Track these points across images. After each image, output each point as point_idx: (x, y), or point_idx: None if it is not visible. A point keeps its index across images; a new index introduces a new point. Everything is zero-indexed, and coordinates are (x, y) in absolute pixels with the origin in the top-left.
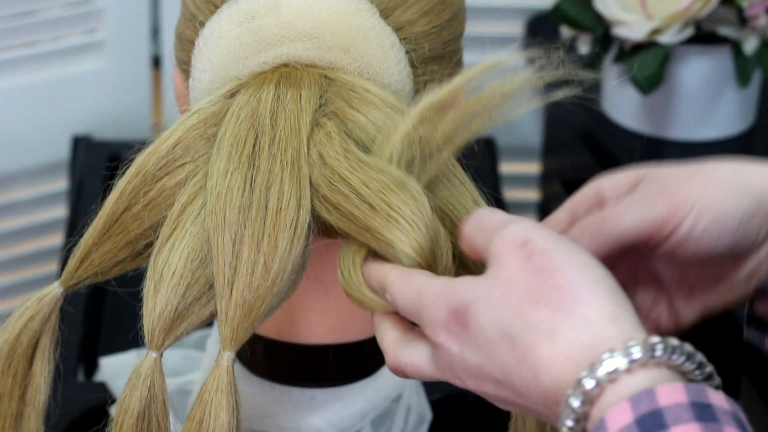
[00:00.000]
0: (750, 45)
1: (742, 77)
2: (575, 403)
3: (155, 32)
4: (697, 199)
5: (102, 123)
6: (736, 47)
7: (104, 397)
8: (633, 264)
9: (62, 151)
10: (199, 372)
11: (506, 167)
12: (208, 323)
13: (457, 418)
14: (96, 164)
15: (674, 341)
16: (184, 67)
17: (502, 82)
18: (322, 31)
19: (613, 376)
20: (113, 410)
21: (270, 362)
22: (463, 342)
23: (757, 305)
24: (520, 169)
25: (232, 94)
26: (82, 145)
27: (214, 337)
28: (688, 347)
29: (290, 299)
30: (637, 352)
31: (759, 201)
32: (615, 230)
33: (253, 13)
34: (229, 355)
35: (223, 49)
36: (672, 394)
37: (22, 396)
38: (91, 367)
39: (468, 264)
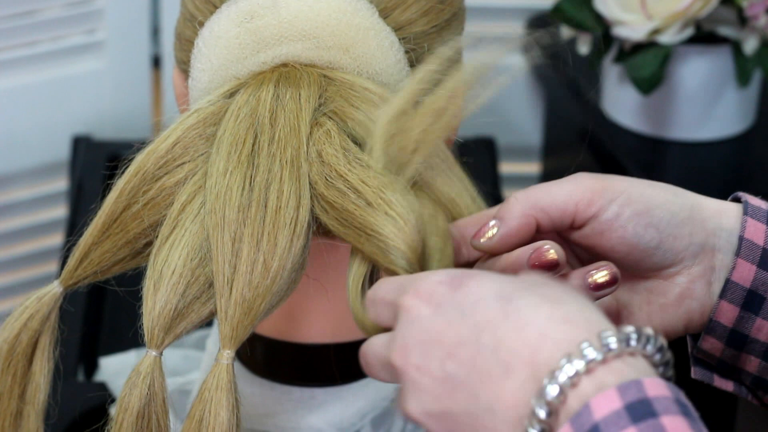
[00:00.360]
0: (750, 45)
1: (742, 77)
2: (547, 396)
3: (155, 32)
4: (629, 186)
5: (102, 123)
6: (736, 47)
7: (104, 397)
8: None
9: (62, 151)
10: (199, 372)
11: (506, 167)
12: (208, 323)
13: None
14: (96, 164)
15: (648, 330)
16: (184, 67)
17: (458, 72)
18: (321, 30)
19: (591, 366)
20: (113, 410)
21: (270, 362)
22: (439, 305)
23: (702, 343)
24: (520, 169)
25: (232, 94)
26: (82, 145)
27: (213, 337)
28: (653, 334)
29: (290, 298)
30: (613, 343)
31: (692, 210)
32: (544, 199)
33: (252, 13)
34: (228, 353)
35: (222, 49)
36: (658, 388)
37: (21, 395)
38: (91, 367)
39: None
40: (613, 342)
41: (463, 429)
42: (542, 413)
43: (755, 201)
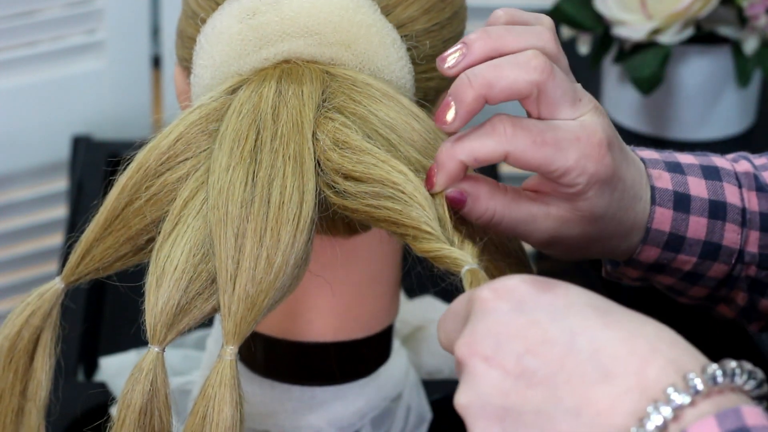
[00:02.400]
0: (750, 45)
1: (742, 77)
2: (648, 426)
3: (155, 32)
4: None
5: (102, 123)
6: (736, 47)
7: (104, 397)
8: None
9: (62, 151)
10: (200, 371)
11: (506, 167)
12: (208, 322)
13: (457, 418)
14: (96, 164)
15: (732, 363)
16: (185, 64)
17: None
18: (323, 27)
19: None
20: (113, 410)
21: (270, 360)
22: (522, 302)
23: (643, 251)
24: (520, 169)
25: (234, 90)
26: (82, 145)
27: (214, 336)
28: (746, 365)
29: (291, 297)
30: (719, 377)
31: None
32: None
33: (254, 9)
34: (232, 350)
35: (224, 46)
36: (756, 416)
37: (23, 391)
38: (92, 367)
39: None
40: (719, 375)
41: (524, 429)
42: None
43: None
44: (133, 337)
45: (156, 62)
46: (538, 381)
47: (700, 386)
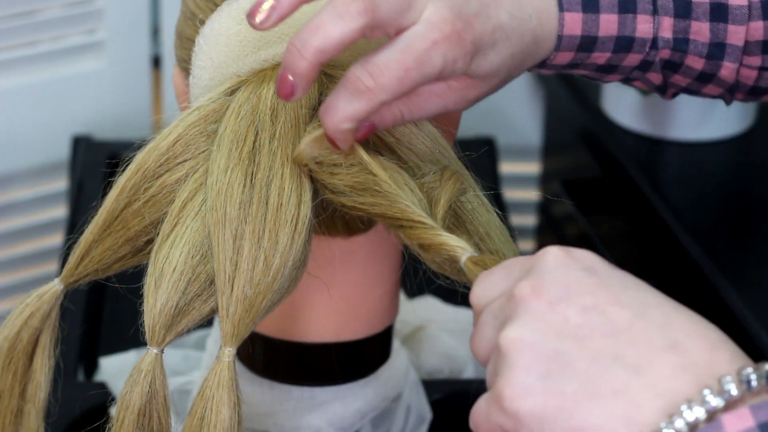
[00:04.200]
0: None
1: None
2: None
3: (155, 32)
4: None
5: (102, 123)
6: None
7: (104, 397)
8: None
9: (62, 151)
10: (199, 371)
11: (506, 167)
12: (208, 322)
13: (457, 418)
14: (96, 164)
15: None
16: (184, 65)
17: None
18: None
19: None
20: (113, 410)
21: (269, 361)
22: (593, 268)
23: (556, 57)
24: (520, 169)
25: (233, 92)
26: (82, 145)
27: (213, 336)
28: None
29: (290, 297)
30: (753, 380)
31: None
32: None
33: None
34: (230, 351)
35: (223, 47)
36: None
37: (22, 393)
38: (91, 367)
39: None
40: (753, 379)
41: (568, 376)
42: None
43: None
44: (133, 339)
45: (156, 62)
46: (599, 335)
47: (754, 383)
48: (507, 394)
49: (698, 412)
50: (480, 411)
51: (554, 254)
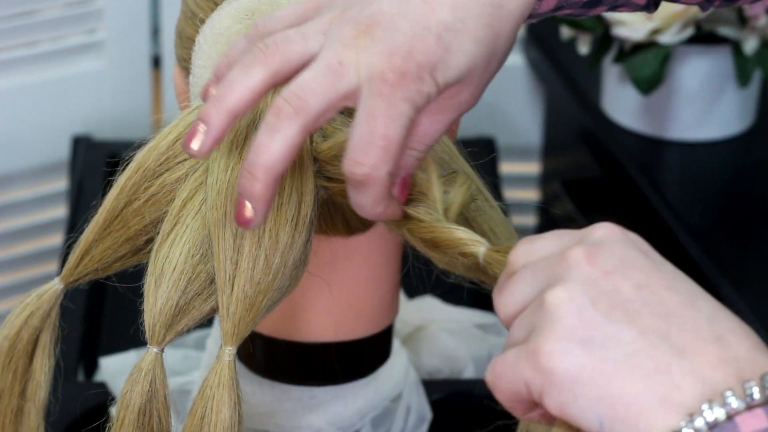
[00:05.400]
0: (750, 45)
1: (742, 77)
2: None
3: (155, 32)
4: None
5: (102, 123)
6: (736, 47)
7: (104, 397)
8: None
9: (62, 151)
10: (200, 371)
11: (506, 167)
12: (208, 322)
13: (457, 418)
14: (96, 164)
15: None
16: (185, 65)
17: None
18: None
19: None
20: (113, 410)
21: (269, 361)
22: (646, 252)
23: (541, 6)
24: (520, 169)
25: None
26: (82, 145)
27: (213, 336)
28: None
29: (290, 297)
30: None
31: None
32: None
33: (253, 9)
34: (230, 350)
35: (223, 46)
36: None
37: (22, 392)
38: (91, 367)
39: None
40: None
41: (613, 345)
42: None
43: None
44: (133, 338)
45: (156, 62)
46: (650, 313)
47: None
48: (545, 350)
49: (737, 404)
50: (506, 363)
51: (611, 229)
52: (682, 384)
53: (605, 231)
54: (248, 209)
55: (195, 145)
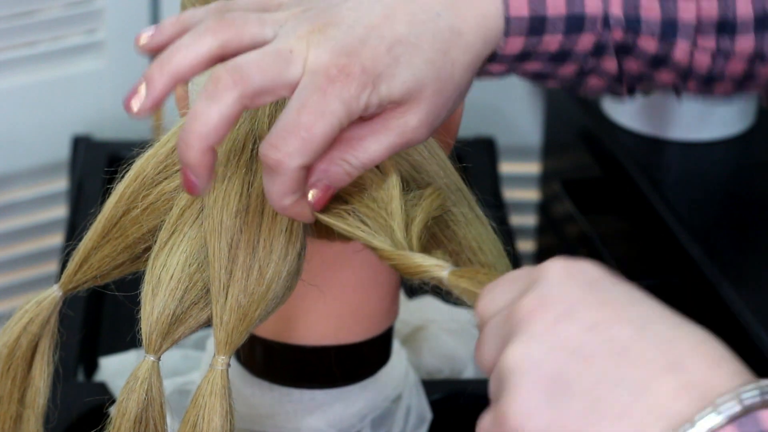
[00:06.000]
0: None
1: None
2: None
3: None
4: None
5: (102, 123)
6: None
7: (104, 398)
8: None
9: (62, 151)
10: (199, 372)
11: (506, 167)
12: (208, 323)
13: (457, 418)
14: (96, 164)
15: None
16: None
17: None
18: None
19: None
20: (113, 411)
21: (269, 363)
22: (593, 283)
23: (507, 44)
24: (520, 169)
25: None
26: (82, 145)
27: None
28: None
29: (290, 301)
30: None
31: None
32: None
33: None
34: (223, 359)
35: None
36: None
37: (21, 399)
38: (91, 370)
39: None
40: (749, 398)
41: (573, 396)
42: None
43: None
44: (131, 345)
45: None
46: (603, 355)
47: (749, 401)
48: (511, 413)
49: None
50: (484, 429)
51: (558, 268)
52: (646, 424)
53: (553, 271)
54: (189, 175)
55: (135, 105)
